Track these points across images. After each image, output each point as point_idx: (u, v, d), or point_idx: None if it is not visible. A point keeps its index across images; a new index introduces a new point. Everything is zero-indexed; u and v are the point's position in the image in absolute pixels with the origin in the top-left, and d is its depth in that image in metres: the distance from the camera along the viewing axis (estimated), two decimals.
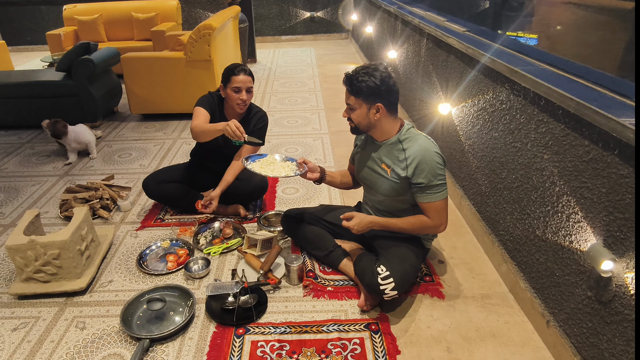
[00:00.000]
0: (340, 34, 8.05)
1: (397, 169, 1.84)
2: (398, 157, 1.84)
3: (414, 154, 1.79)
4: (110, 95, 4.16)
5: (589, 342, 1.49)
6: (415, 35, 3.65)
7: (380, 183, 1.91)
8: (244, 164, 2.02)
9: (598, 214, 1.42)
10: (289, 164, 2.07)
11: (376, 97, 1.76)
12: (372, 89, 1.74)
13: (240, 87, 2.29)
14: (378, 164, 1.91)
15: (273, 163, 2.06)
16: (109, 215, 2.60)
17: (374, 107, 1.78)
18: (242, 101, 2.32)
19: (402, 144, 1.84)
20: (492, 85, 2.19)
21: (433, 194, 1.80)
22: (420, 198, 1.82)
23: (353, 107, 1.82)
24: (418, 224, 1.86)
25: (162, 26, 5.58)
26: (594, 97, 1.49)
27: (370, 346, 1.72)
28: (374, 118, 1.81)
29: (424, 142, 1.82)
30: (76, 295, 2.03)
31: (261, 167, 2.01)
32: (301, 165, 2.04)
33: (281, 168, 2.02)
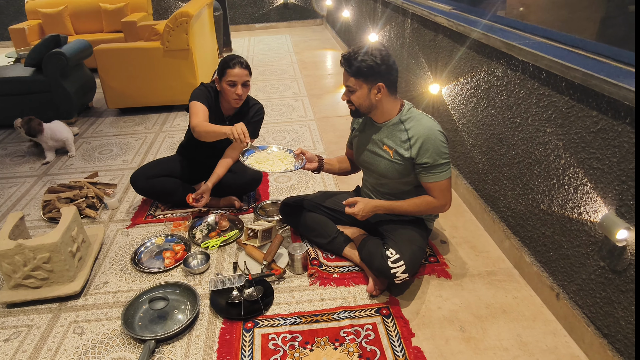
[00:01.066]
0: (314, 20, 7.93)
1: (400, 150, 1.80)
2: (400, 138, 1.80)
3: (417, 133, 1.76)
4: (84, 90, 3.97)
5: (603, 312, 1.50)
6: (398, 16, 3.61)
7: (383, 165, 1.87)
8: (240, 159, 1.95)
9: (609, 184, 1.42)
10: (287, 156, 2.01)
11: (377, 77, 1.72)
12: (372, 68, 1.69)
13: (236, 81, 2.19)
14: (379, 146, 1.87)
15: (270, 156, 2.00)
16: (96, 214, 2.49)
17: (375, 87, 1.73)
18: (238, 96, 2.22)
19: (404, 124, 1.80)
20: (487, 62, 2.17)
21: (438, 174, 1.77)
22: (425, 178, 1.79)
23: (353, 88, 1.76)
24: (424, 205, 1.83)
25: (133, 16, 5.37)
26: (600, 67, 1.47)
27: (383, 331, 1.70)
28: (376, 99, 1.76)
29: (426, 121, 1.78)
30: (70, 299, 1.93)
31: (258, 162, 1.94)
32: (299, 157, 1.98)
33: (279, 162, 1.96)
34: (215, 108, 2.36)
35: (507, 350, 1.61)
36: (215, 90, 2.36)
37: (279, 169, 1.91)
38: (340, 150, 3.18)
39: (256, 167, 1.90)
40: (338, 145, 3.28)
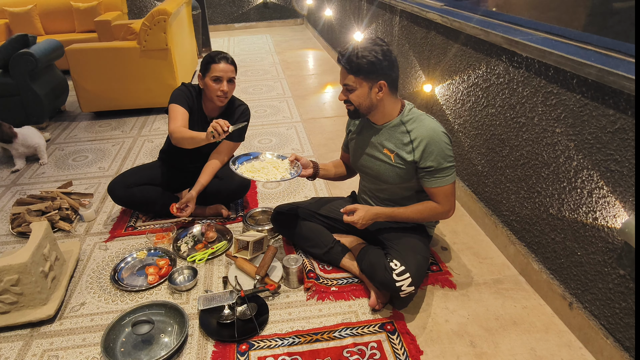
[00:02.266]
0: (295, 19, 7.79)
1: (402, 153, 1.68)
2: (402, 141, 1.68)
3: (420, 135, 1.64)
4: (55, 93, 3.74)
5: (623, 323, 1.41)
6: (385, 14, 3.50)
7: (383, 170, 1.75)
8: (232, 167, 1.83)
9: (630, 188, 1.33)
10: (281, 163, 1.88)
11: (378, 74, 1.60)
12: (373, 65, 1.57)
13: (221, 76, 2.06)
14: (379, 150, 1.75)
15: (264, 164, 1.88)
16: (71, 227, 2.30)
17: (376, 85, 1.61)
18: (223, 93, 2.09)
19: (406, 125, 1.68)
20: (485, 59, 2.08)
21: (442, 178, 1.66)
22: (428, 183, 1.68)
23: (352, 87, 1.63)
24: (427, 212, 1.72)
25: (107, 15, 5.12)
26: (615, 63, 1.39)
27: (389, 349, 1.58)
28: (377, 98, 1.64)
29: (429, 122, 1.67)
30: (43, 324, 1.75)
31: (251, 171, 1.83)
32: (294, 163, 1.85)
33: (275, 170, 1.84)
34: (198, 109, 2.21)
35: None
36: (197, 90, 2.22)
37: (274, 178, 1.78)
38: (330, 152, 3.06)
39: (249, 177, 1.78)
40: (327, 147, 3.15)
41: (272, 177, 1.78)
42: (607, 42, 1.55)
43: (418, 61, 2.86)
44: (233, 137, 2.25)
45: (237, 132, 2.24)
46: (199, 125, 2.21)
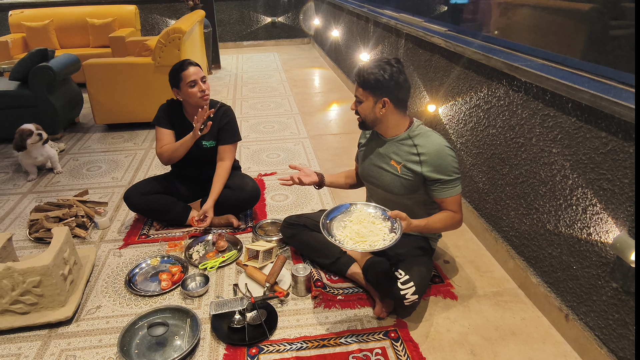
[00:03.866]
0: (302, 38, 7.99)
1: (409, 165, 1.78)
2: (410, 153, 1.79)
3: (428, 150, 1.75)
4: (71, 105, 3.87)
5: (616, 334, 1.49)
6: (391, 37, 3.65)
7: (389, 181, 1.85)
8: (328, 238, 1.60)
9: (621, 205, 1.43)
10: (381, 223, 1.66)
11: (383, 92, 1.72)
12: (379, 82, 1.69)
13: (195, 79, 2.21)
14: (386, 161, 1.85)
15: (362, 225, 1.65)
16: (86, 234, 2.39)
17: (380, 101, 1.73)
18: (203, 92, 2.24)
19: (413, 139, 1.80)
20: (487, 82, 2.19)
21: (453, 188, 1.77)
22: (441, 194, 1.78)
23: (360, 99, 1.77)
24: (449, 220, 1.80)
25: (121, 32, 5.30)
26: (606, 88, 1.49)
27: (393, 355, 1.65)
28: (380, 113, 1.76)
29: (437, 138, 1.79)
30: (61, 325, 1.83)
31: (356, 240, 1.59)
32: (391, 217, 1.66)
33: (374, 234, 1.62)
34: (182, 120, 2.35)
35: None
36: (178, 103, 2.35)
37: (382, 245, 1.56)
38: (336, 168, 3.16)
39: (350, 247, 1.57)
40: (333, 163, 3.25)
41: (379, 245, 1.56)
42: (599, 69, 1.66)
43: (422, 82, 2.99)
44: (227, 138, 2.36)
45: (229, 133, 2.36)
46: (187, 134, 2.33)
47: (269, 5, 7.64)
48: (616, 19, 1.79)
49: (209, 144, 2.37)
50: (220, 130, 2.36)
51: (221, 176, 2.35)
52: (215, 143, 2.38)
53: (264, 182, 2.98)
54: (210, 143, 2.37)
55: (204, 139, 2.35)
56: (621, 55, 1.67)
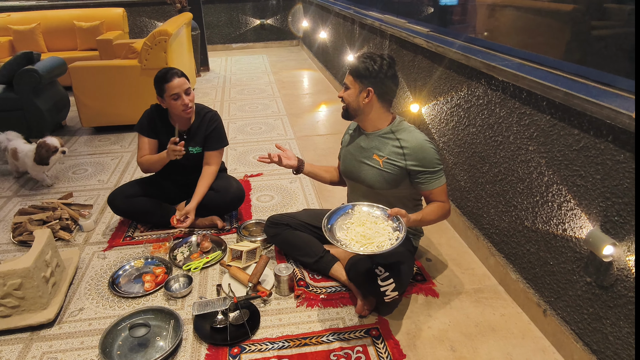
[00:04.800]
0: (291, 40, 8.01)
1: (393, 158, 1.82)
2: (392, 147, 1.83)
3: (411, 144, 1.80)
4: (57, 108, 3.85)
5: (591, 328, 1.51)
6: (376, 38, 3.67)
7: (371, 175, 1.87)
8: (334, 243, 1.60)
9: (593, 201, 1.45)
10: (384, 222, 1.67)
11: (369, 81, 1.76)
12: (367, 70, 1.74)
13: (178, 92, 2.17)
14: (368, 156, 1.88)
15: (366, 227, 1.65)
16: (70, 237, 2.38)
17: (365, 90, 1.77)
18: (186, 105, 2.20)
19: (395, 134, 1.84)
20: (467, 82, 2.22)
21: (438, 179, 1.82)
22: (427, 186, 1.82)
23: (348, 86, 1.82)
24: (440, 210, 1.83)
25: (109, 35, 5.28)
26: (579, 87, 1.52)
27: (374, 353, 1.66)
28: (363, 102, 1.79)
29: (418, 134, 1.84)
30: (43, 328, 1.82)
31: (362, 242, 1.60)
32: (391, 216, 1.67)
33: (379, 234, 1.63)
34: (168, 127, 2.33)
35: None
36: (159, 111, 2.34)
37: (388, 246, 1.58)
38: None
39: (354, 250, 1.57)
40: (319, 163, 3.23)
41: (387, 245, 1.58)
42: (572, 68, 1.69)
43: (406, 82, 3.01)
44: (213, 144, 2.37)
45: (215, 139, 2.37)
46: None
47: (257, 8, 7.65)
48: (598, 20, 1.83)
49: (195, 150, 2.38)
50: (207, 137, 2.37)
51: (206, 179, 2.36)
52: (201, 149, 2.39)
53: (250, 183, 2.98)
54: (196, 149, 2.38)
55: (190, 145, 2.36)
56: (603, 55, 1.71)
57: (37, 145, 2.85)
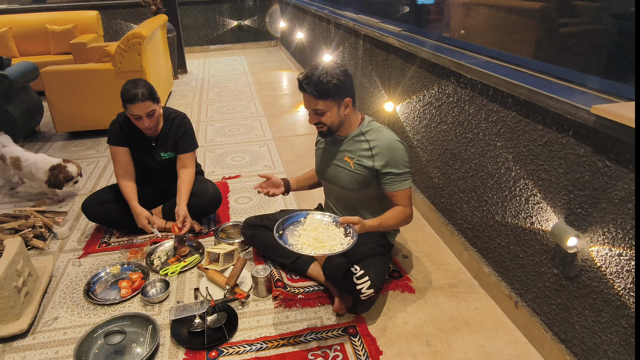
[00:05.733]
0: (269, 41, 7.99)
1: (362, 160, 1.84)
2: (362, 148, 1.85)
3: (380, 145, 1.81)
4: (30, 114, 3.78)
5: (559, 318, 1.56)
6: (351, 37, 3.70)
7: (343, 176, 1.89)
8: (277, 238, 1.64)
9: (557, 194, 1.50)
10: (335, 229, 1.70)
11: (344, 93, 1.77)
12: (339, 87, 1.74)
13: (140, 115, 2.15)
14: (341, 158, 1.90)
15: (318, 232, 1.68)
16: (44, 245, 2.34)
17: (343, 103, 1.78)
18: (145, 128, 2.21)
19: (365, 135, 1.85)
20: (437, 80, 2.26)
21: (403, 182, 1.83)
22: (391, 187, 1.83)
23: (323, 111, 1.77)
24: (400, 215, 1.85)
25: (82, 38, 5.20)
26: (542, 83, 1.57)
27: (351, 350, 1.68)
28: (344, 114, 1.81)
29: (387, 133, 1.85)
30: (16, 339, 1.79)
31: (313, 246, 1.62)
32: (343, 225, 1.70)
33: (331, 239, 1.65)
34: (137, 134, 2.31)
35: None
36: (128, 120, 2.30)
37: (338, 249, 1.60)
38: (300, 169, 3.18)
39: (307, 252, 1.59)
40: (297, 164, 3.28)
41: (338, 248, 1.59)
42: (537, 65, 1.74)
43: (380, 82, 3.04)
44: (185, 147, 2.37)
45: (187, 142, 2.36)
46: (142, 149, 2.34)
47: (234, 9, 7.62)
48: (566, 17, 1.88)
49: (167, 155, 2.37)
50: (178, 141, 2.36)
51: (187, 181, 2.34)
52: (174, 154, 2.38)
53: (228, 186, 2.98)
54: (168, 154, 2.37)
55: (162, 151, 2.35)
56: (571, 52, 1.75)
57: (53, 167, 2.67)
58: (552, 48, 1.93)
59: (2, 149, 2.84)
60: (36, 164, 2.72)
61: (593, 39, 1.69)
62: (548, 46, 1.99)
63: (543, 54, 1.89)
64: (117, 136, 2.30)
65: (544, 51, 1.90)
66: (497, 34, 2.30)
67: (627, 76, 1.47)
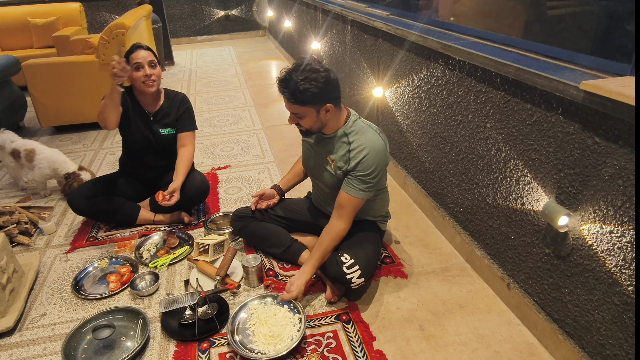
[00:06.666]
0: (257, 31, 7.89)
1: (339, 163, 1.77)
2: (342, 151, 1.76)
3: (359, 147, 1.71)
4: (13, 108, 3.70)
5: (551, 297, 1.55)
6: (339, 24, 3.65)
7: (326, 177, 1.85)
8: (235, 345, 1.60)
9: (547, 173, 1.48)
10: (280, 310, 1.72)
11: (324, 100, 1.64)
12: (317, 94, 1.60)
13: (141, 61, 2.14)
14: (324, 158, 1.84)
15: (268, 322, 1.68)
16: (30, 241, 2.30)
17: (323, 108, 1.67)
18: (147, 77, 2.16)
19: (348, 136, 1.75)
20: (426, 63, 2.22)
21: (359, 190, 1.72)
22: (346, 189, 1.74)
23: (301, 115, 1.69)
24: (335, 240, 1.78)
25: (66, 31, 5.08)
26: (530, 62, 1.54)
27: (344, 337, 1.67)
28: (325, 118, 1.70)
29: (371, 135, 1.73)
30: (2, 337, 1.75)
31: (268, 342, 1.60)
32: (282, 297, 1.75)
33: (283, 326, 1.66)
34: (136, 106, 2.29)
35: (466, 344, 1.62)
36: (130, 90, 2.29)
37: (298, 332, 1.63)
38: (290, 157, 3.15)
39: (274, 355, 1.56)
40: (287, 153, 3.24)
41: (294, 332, 1.64)
42: (525, 44, 1.71)
43: (369, 67, 3.01)
44: (186, 126, 2.34)
45: (188, 120, 2.35)
46: (141, 121, 2.29)
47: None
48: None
49: (167, 131, 2.32)
50: (180, 117, 2.33)
51: (186, 158, 2.30)
52: (174, 131, 2.34)
53: (217, 176, 2.94)
54: (167, 130, 2.32)
55: (161, 127, 2.31)
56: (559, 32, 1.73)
57: (68, 175, 2.62)
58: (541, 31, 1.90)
59: (11, 145, 2.73)
60: (51, 157, 2.67)
61: (580, 20, 1.66)
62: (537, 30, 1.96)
63: (532, 37, 1.86)
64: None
65: (533, 35, 1.87)
66: (485, 19, 2.26)
67: (615, 54, 1.44)
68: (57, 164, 2.66)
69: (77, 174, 2.64)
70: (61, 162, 2.67)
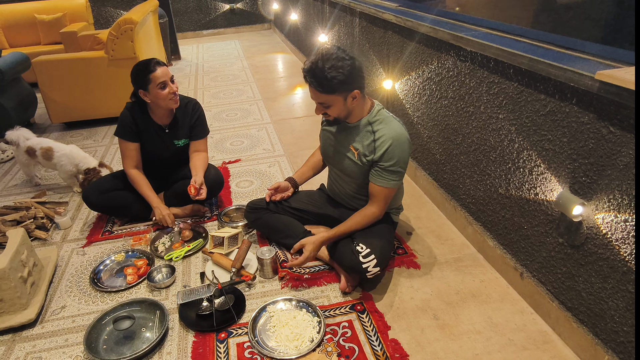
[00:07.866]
0: (262, 24, 7.88)
1: (365, 152, 1.79)
2: (367, 140, 1.79)
3: (385, 137, 1.74)
4: (24, 105, 3.74)
5: (565, 286, 1.57)
6: (347, 16, 3.64)
7: (347, 165, 1.87)
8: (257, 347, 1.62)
9: (561, 163, 1.49)
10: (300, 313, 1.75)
11: (351, 86, 1.67)
12: (344, 82, 1.63)
13: (165, 80, 2.12)
14: (346, 146, 1.86)
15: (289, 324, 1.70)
16: (47, 235, 2.34)
17: (350, 95, 1.69)
18: (174, 94, 2.17)
19: (372, 126, 1.78)
20: (437, 55, 2.23)
21: (390, 180, 1.77)
22: (377, 180, 1.78)
23: (328, 104, 1.71)
24: (365, 220, 1.84)
25: (73, 27, 5.11)
26: (543, 52, 1.54)
27: (359, 327, 1.69)
28: (352, 105, 1.73)
29: (396, 125, 1.77)
30: (25, 329, 1.80)
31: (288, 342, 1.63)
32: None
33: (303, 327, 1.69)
34: (149, 122, 2.29)
35: (480, 333, 1.65)
36: (140, 104, 2.26)
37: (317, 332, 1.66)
38: (300, 151, 3.17)
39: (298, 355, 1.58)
40: (297, 146, 3.26)
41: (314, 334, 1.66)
42: (537, 34, 1.71)
43: (378, 59, 3.01)
44: (199, 134, 2.37)
45: (201, 128, 2.37)
46: (155, 136, 2.30)
47: None
48: None
49: (182, 142, 2.36)
50: (193, 126, 2.35)
51: (202, 160, 2.34)
52: (187, 141, 2.37)
53: (228, 170, 2.97)
54: (183, 142, 2.36)
55: (176, 139, 2.34)
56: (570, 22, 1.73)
57: (88, 171, 2.64)
58: (550, 20, 1.90)
59: (26, 142, 2.74)
60: (71, 154, 2.69)
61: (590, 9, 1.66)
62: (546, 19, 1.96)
63: (541, 27, 1.86)
64: (129, 130, 2.25)
65: (542, 25, 1.87)
66: (493, 9, 2.27)
67: (626, 43, 1.45)
68: (77, 159, 2.69)
69: (98, 170, 2.67)
70: (82, 157, 2.71)
